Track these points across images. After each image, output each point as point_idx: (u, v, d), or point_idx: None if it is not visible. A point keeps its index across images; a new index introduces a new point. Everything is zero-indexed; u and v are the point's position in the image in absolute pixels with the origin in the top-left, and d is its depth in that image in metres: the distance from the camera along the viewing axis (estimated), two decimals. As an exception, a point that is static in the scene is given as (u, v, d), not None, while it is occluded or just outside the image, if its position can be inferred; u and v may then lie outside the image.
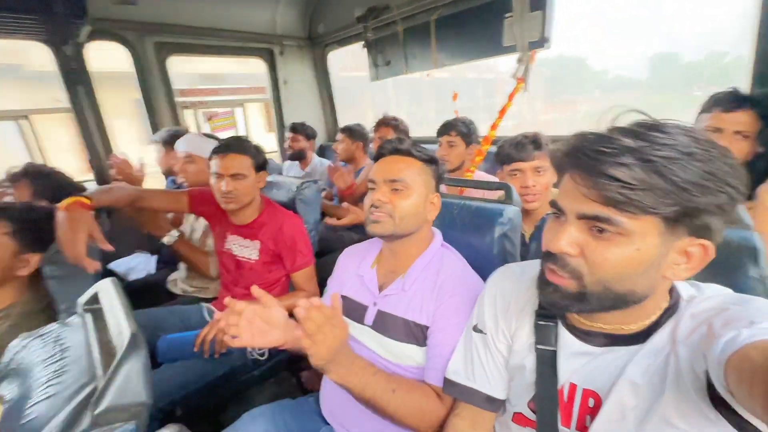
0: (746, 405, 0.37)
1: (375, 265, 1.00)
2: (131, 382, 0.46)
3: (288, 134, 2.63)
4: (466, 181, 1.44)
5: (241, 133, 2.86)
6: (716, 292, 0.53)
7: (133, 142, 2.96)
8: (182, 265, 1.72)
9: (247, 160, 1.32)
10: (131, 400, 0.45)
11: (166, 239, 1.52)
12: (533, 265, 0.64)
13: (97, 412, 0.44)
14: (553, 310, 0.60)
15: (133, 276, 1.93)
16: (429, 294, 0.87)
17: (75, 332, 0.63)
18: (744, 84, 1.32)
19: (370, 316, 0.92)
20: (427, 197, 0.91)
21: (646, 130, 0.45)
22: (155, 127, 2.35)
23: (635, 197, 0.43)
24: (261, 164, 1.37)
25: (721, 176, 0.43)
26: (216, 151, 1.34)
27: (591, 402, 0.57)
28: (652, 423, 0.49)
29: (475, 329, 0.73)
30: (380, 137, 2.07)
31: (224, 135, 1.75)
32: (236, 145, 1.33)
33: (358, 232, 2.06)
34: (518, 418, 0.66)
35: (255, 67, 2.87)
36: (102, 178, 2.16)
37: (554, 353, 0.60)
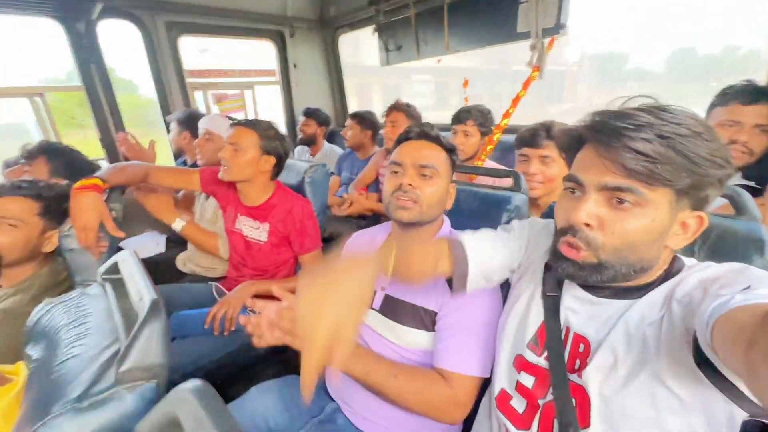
0: (729, 363, 0.38)
1: None
2: (152, 345, 0.49)
3: (301, 118, 2.62)
4: (476, 169, 1.44)
5: (251, 115, 2.86)
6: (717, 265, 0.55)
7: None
8: (191, 245, 1.76)
9: (254, 136, 1.33)
10: (152, 360, 0.48)
11: (175, 225, 1.53)
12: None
13: (121, 370, 0.47)
14: (571, 281, 0.62)
15: (143, 254, 1.97)
16: (437, 279, 0.88)
17: (96, 299, 0.66)
18: (760, 77, 1.29)
19: (377, 300, 0.92)
20: (447, 186, 0.91)
21: (659, 110, 0.48)
22: (165, 109, 2.36)
23: (657, 170, 0.46)
24: (270, 149, 1.37)
25: (723, 153, 0.48)
26: (233, 124, 1.38)
27: (581, 347, 0.58)
28: (642, 376, 0.50)
29: (502, 228, 0.78)
30: (392, 122, 2.05)
31: (236, 117, 1.77)
32: (249, 122, 1.36)
33: (367, 219, 2.07)
34: (519, 361, 0.66)
35: (265, 50, 2.86)
36: (113, 157, 2.19)
37: (558, 299, 0.63)
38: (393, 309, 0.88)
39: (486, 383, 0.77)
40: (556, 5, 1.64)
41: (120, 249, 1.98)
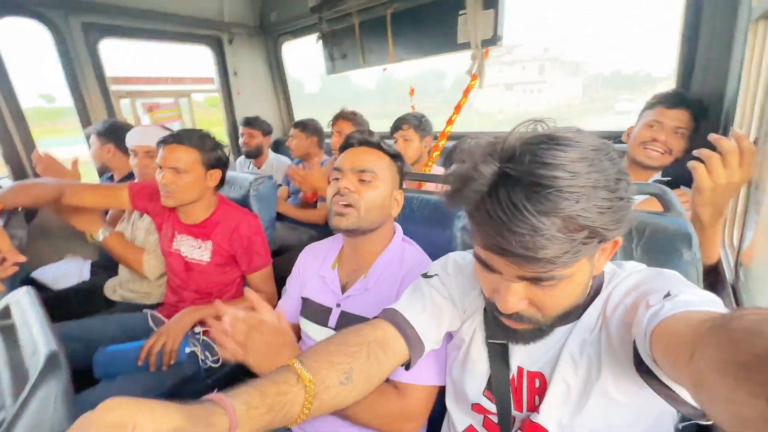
0: (670, 373, 0.40)
1: (336, 265, 0.97)
2: (48, 411, 0.39)
3: (242, 128, 2.48)
4: (426, 176, 1.45)
5: (188, 125, 2.66)
6: (634, 268, 0.59)
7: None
8: (122, 269, 1.57)
9: (193, 153, 1.21)
10: (49, 429, 0.38)
11: (98, 235, 1.35)
12: None
13: (7, 447, 0.37)
14: (517, 343, 0.61)
15: (63, 284, 1.73)
16: (392, 290, 0.85)
17: (-19, 354, 0.54)
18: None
19: (333, 319, 0.90)
20: (392, 193, 0.91)
21: (553, 175, 0.40)
22: (85, 119, 2.11)
23: (566, 260, 0.43)
24: (213, 161, 1.27)
25: (621, 193, 0.44)
26: (160, 142, 1.23)
27: (537, 383, 0.60)
28: (594, 396, 0.53)
29: (425, 275, 0.72)
30: (338, 131, 2.02)
31: (172, 127, 1.62)
32: (182, 137, 1.21)
33: (317, 230, 2.01)
34: (477, 408, 0.67)
35: (203, 56, 2.68)
36: (20, 176, 1.91)
37: (505, 346, 0.63)
38: (349, 326, 0.84)
39: (441, 392, 0.76)
40: (492, 18, 1.72)
41: (32, 281, 1.73)
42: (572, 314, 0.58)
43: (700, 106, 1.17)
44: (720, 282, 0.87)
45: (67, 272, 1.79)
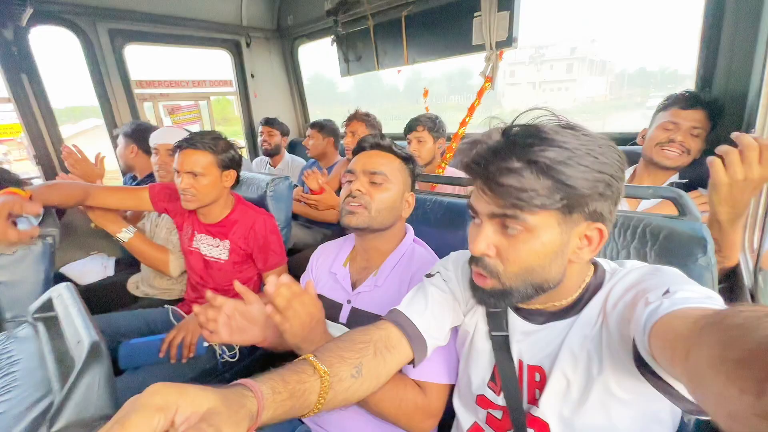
0: (668, 369, 0.41)
1: (348, 263, 1.00)
2: (93, 395, 0.43)
3: (261, 128, 2.55)
4: (439, 177, 1.46)
5: (207, 127, 2.74)
6: (634, 265, 0.59)
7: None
8: (144, 266, 1.63)
9: (207, 156, 1.25)
10: (94, 413, 0.42)
11: (121, 236, 1.41)
12: None
13: (55, 428, 0.40)
14: (487, 307, 0.66)
15: (89, 280, 1.81)
16: (401, 288, 0.87)
17: (25, 343, 0.58)
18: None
19: (344, 314, 0.92)
20: (403, 194, 0.92)
21: (535, 134, 0.49)
22: (111, 122, 2.20)
23: (528, 198, 0.48)
24: (227, 162, 1.31)
25: (597, 166, 0.49)
26: (175, 147, 1.27)
27: (537, 377, 0.61)
28: (595, 392, 0.53)
29: (427, 276, 0.75)
30: (351, 132, 2.05)
31: (192, 129, 1.67)
32: (196, 141, 1.25)
33: (331, 229, 2.04)
34: (481, 401, 0.68)
35: (222, 59, 2.76)
36: (50, 176, 2.00)
37: (506, 337, 0.64)
38: (360, 322, 0.86)
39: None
40: (507, 19, 1.72)
41: (61, 276, 1.82)
42: (573, 309, 0.59)
43: (715, 106, 1.14)
44: (738, 286, 0.86)
45: (93, 268, 1.87)
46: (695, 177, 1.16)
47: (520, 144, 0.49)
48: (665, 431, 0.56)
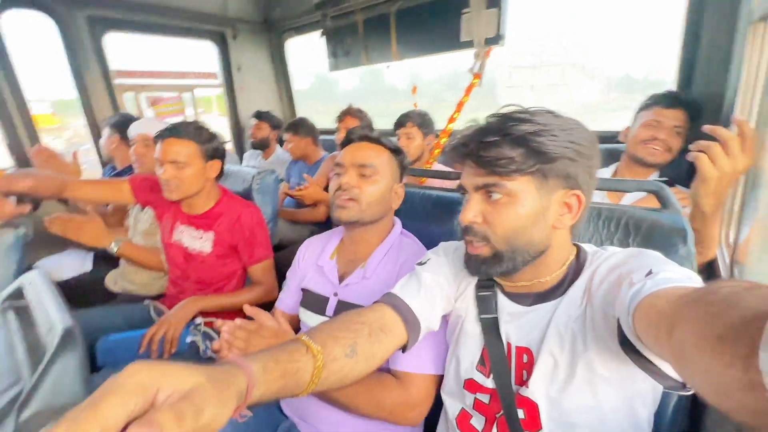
0: (653, 348, 0.42)
1: (335, 256, 0.99)
2: (65, 382, 0.40)
3: (252, 121, 2.51)
4: (427, 171, 1.46)
5: (191, 120, 2.68)
6: (615, 251, 0.61)
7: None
8: (122, 262, 1.58)
9: (191, 146, 1.21)
10: (65, 402, 0.40)
11: (111, 248, 1.38)
12: None
13: (23, 417, 0.38)
14: (480, 276, 0.68)
15: (65, 275, 1.74)
16: (389, 279, 0.87)
17: (-7, 333, 0.55)
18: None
19: (330, 307, 0.91)
20: (392, 186, 0.92)
21: (514, 116, 0.57)
22: (89, 113, 2.13)
23: (505, 164, 0.55)
24: (212, 152, 1.27)
25: (565, 137, 0.55)
26: (157, 136, 1.23)
27: (525, 358, 0.62)
28: (580, 371, 0.55)
29: (419, 263, 0.75)
30: (344, 127, 2.04)
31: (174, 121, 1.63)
32: (179, 130, 1.21)
33: (318, 225, 2.02)
34: (469, 385, 0.68)
35: (207, 51, 2.70)
36: (24, 166, 1.92)
37: (496, 319, 0.66)
38: None
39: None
40: (496, 16, 1.74)
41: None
42: (558, 290, 0.61)
43: (695, 106, 1.19)
44: (716, 279, 0.88)
45: (70, 263, 1.80)
46: (674, 175, 1.19)
47: (499, 123, 0.56)
48: (648, 408, 0.58)
